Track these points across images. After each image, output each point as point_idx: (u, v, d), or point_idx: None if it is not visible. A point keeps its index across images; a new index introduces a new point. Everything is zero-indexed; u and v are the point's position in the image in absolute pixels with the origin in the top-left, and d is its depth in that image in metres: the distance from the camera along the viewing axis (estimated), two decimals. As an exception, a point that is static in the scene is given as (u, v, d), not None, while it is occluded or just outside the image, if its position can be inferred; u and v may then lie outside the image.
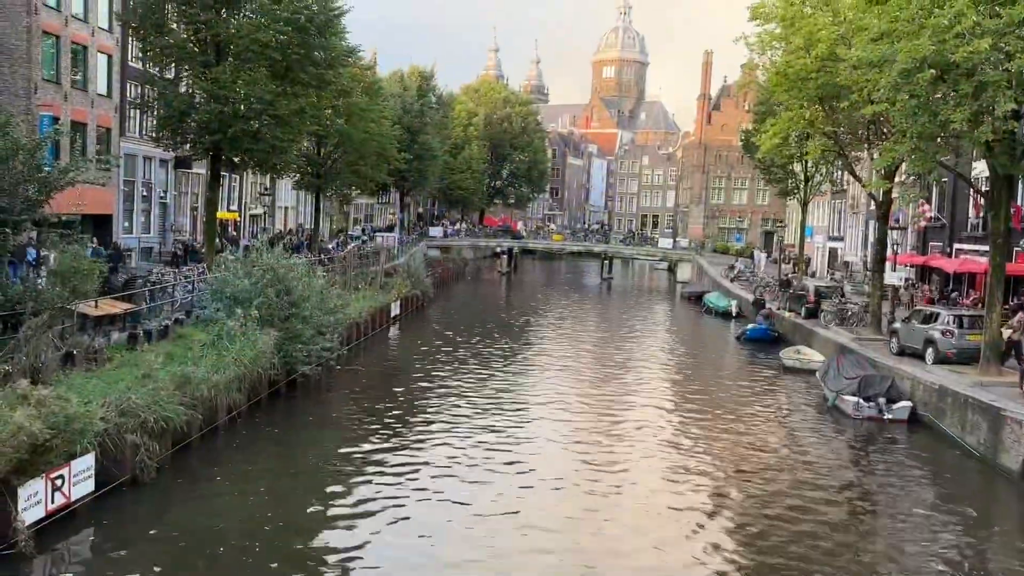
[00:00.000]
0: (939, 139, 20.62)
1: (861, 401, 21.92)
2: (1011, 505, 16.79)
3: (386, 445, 18.15)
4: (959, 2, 17.24)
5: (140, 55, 30.58)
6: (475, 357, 29.63)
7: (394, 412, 21.06)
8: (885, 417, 21.57)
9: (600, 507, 15.34)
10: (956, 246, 36.00)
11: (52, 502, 12.30)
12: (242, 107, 26.34)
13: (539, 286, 64.97)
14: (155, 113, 29.87)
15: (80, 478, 12.91)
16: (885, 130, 27.39)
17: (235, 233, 42.27)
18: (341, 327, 25.85)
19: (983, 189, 24.98)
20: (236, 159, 29.03)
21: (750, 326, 36.88)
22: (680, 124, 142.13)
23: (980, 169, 29.52)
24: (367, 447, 17.99)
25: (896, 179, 29.65)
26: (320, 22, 27.84)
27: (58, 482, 12.40)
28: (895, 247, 33.78)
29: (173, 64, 29.19)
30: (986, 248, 28.57)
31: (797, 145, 37.96)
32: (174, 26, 27.91)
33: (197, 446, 16.55)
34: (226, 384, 17.82)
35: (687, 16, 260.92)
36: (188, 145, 28.75)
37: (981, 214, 33.35)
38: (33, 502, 11.90)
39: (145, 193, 35.91)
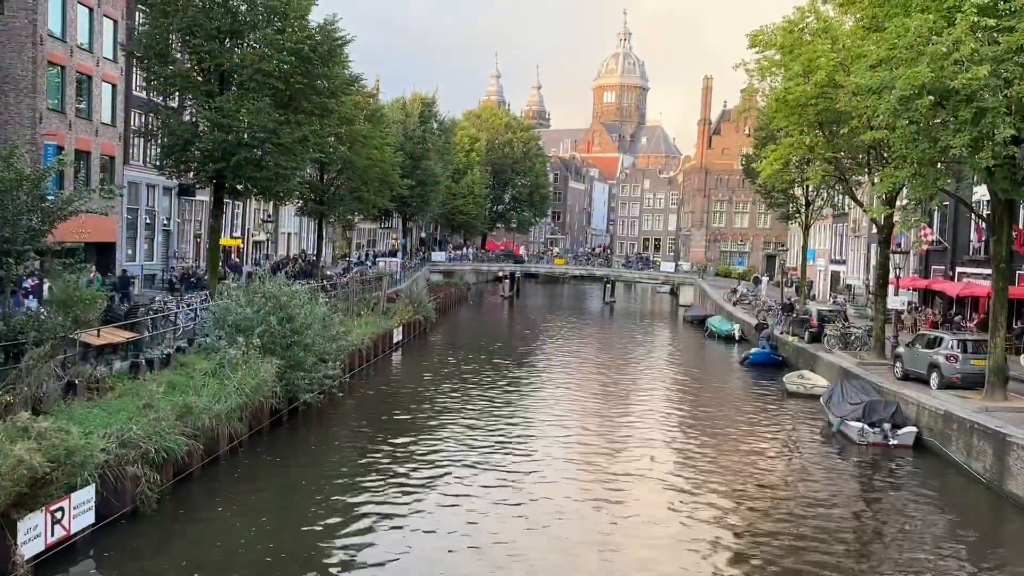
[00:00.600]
0: (939, 164, 20.66)
1: (866, 427, 21.80)
2: (1018, 532, 16.60)
3: (389, 474, 18.05)
4: (957, 29, 17.34)
5: (144, 84, 30.84)
6: (478, 383, 29.55)
7: (397, 440, 20.95)
8: (890, 443, 21.44)
9: (605, 534, 15.23)
10: (958, 269, 35.98)
11: (52, 535, 12.21)
12: (246, 135, 26.49)
13: (542, 310, 64.92)
14: (159, 142, 30.06)
15: (80, 510, 12.82)
16: (885, 155, 27.48)
17: (238, 260, 42.39)
18: (343, 354, 25.80)
19: (984, 213, 25.00)
20: (239, 187, 29.17)
21: (753, 350, 36.78)
22: (681, 148, 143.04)
23: (981, 193, 29.59)
24: (370, 476, 17.89)
25: (897, 203, 29.68)
26: (323, 52, 28.08)
27: (58, 515, 12.32)
28: (897, 271, 33.76)
29: (177, 93, 29.43)
30: (988, 271, 28.57)
31: (798, 170, 38.11)
32: (178, 56, 28.17)
33: (198, 476, 16.46)
34: (228, 413, 17.73)
35: (687, 42, 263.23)
36: (192, 173, 28.89)
37: (983, 238, 33.36)
38: (32, 535, 11.82)
39: (148, 221, 36.08)
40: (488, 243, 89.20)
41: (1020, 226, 28.08)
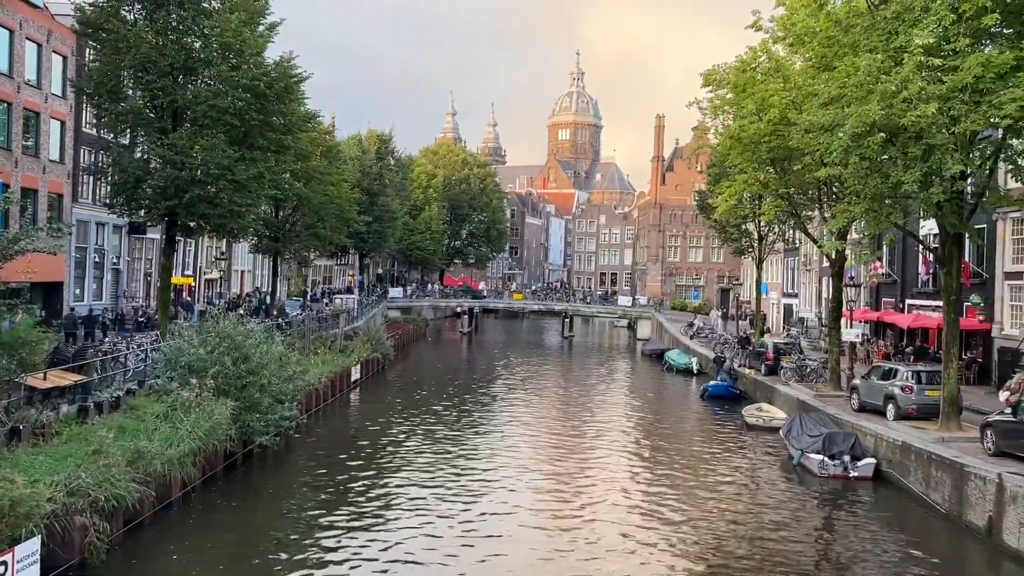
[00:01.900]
0: (891, 200, 21.12)
1: (826, 459, 21.93)
2: (979, 564, 16.74)
3: (348, 516, 17.61)
4: (905, 69, 17.87)
5: (95, 121, 30.24)
6: (438, 421, 29.17)
7: (356, 481, 20.50)
8: (850, 475, 21.58)
9: (567, 569, 15.03)
10: (908, 301, 36.80)
11: (-7, 591, 11.61)
12: (199, 172, 26.08)
13: (501, 346, 64.71)
14: (109, 179, 29.43)
15: (24, 564, 12.21)
16: (836, 191, 28.13)
17: (189, 298, 41.54)
18: (300, 394, 25.29)
19: (933, 246, 25.63)
20: (192, 224, 28.64)
21: (712, 383, 37.03)
22: (635, 184, 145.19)
23: (929, 227, 30.35)
24: (328, 519, 17.42)
25: (848, 238, 30.32)
26: (279, 88, 27.87)
27: (0, 569, 11.70)
28: (850, 304, 34.43)
29: (128, 130, 28.90)
30: (937, 303, 29.27)
31: (751, 206, 38.83)
32: (130, 92, 27.74)
33: (150, 524, 15.87)
34: (181, 458, 17.18)
35: (639, 82, 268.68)
36: (143, 211, 28.29)
37: (930, 271, 34.22)
38: (-28, 593, 11.22)
39: (97, 259, 35.21)
40: (446, 279, 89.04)
41: (967, 259, 28.86)
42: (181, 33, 26.72)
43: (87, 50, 30.61)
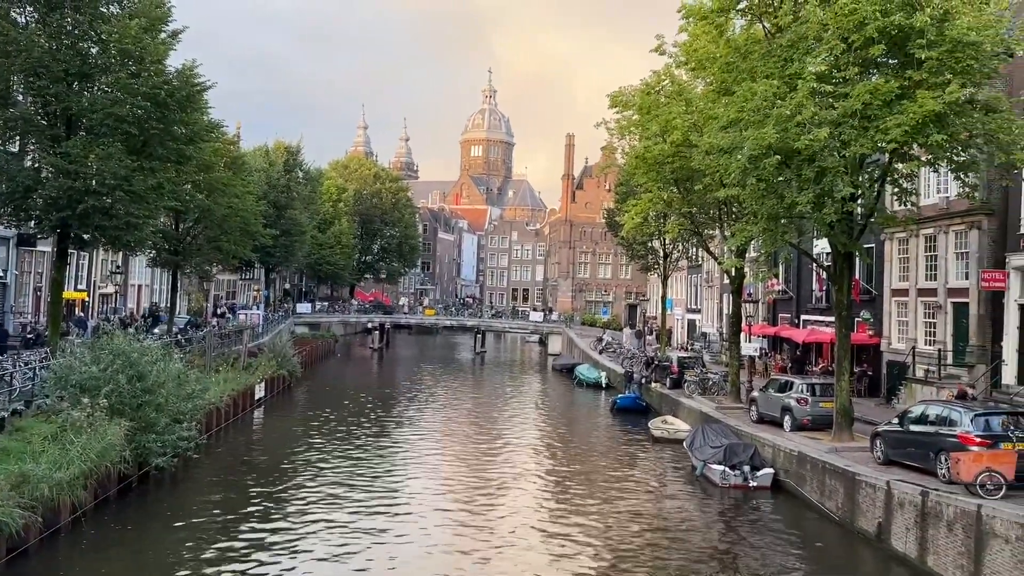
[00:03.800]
0: (786, 220, 22.02)
1: (727, 469, 22.56)
2: (868, 567, 17.49)
3: (248, 539, 17.09)
4: (799, 94, 18.74)
5: (-20, 127, 28.57)
6: (345, 438, 28.68)
7: (257, 503, 19.93)
8: (750, 484, 22.26)
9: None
10: (803, 317, 38.38)
11: None
12: (94, 182, 24.95)
13: (412, 362, 64.19)
14: (-4, 188, 27.84)
15: None
16: (735, 211, 29.16)
17: (83, 314, 39.68)
18: (200, 413, 24.48)
19: (826, 264, 26.82)
20: (86, 236, 27.37)
21: (619, 396, 37.72)
22: (546, 202, 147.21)
23: (822, 246, 31.77)
24: (227, 542, 16.87)
25: (747, 256, 31.41)
26: (181, 97, 27.01)
27: None
28: (749, 319, 35.66)
29: (18, 137, 27.45)
30: (830, 319, 30.63)
31: (656, 224, 39.85)
32: (20, 98, 26.40)
33: (36, 551, 15.04)
34: (70, 482, 16.36)
35: (550, 101, 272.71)
36: (33, 222, 26.90)
37: (824, 287, 35.81)
38: None
39: (-18, 273, 33.26)
40: (357, 293, 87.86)
41: (857, 277, 30.33)
42: (77, 38, 25.60)
43: (-28, 52, 28.97)
